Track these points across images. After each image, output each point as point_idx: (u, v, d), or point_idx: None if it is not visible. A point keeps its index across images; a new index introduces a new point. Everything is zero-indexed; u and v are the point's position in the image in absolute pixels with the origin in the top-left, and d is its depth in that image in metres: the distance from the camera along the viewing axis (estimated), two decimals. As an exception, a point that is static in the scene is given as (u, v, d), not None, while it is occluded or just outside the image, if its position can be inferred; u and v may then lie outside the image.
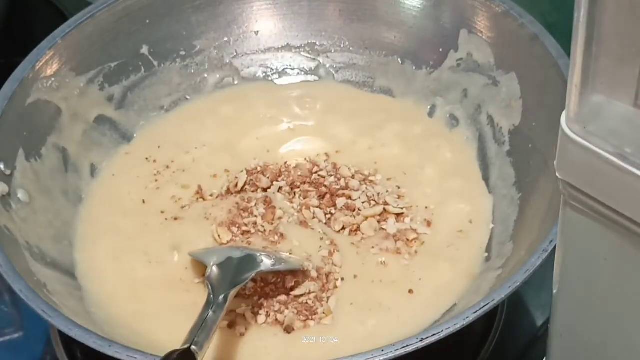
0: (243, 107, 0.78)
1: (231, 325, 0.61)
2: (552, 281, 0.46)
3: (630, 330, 0.43)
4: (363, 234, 0.67)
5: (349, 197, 0.69)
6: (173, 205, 0.70)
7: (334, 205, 0.68)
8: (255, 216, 0.68)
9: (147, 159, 0.74)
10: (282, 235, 0.66)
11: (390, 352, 0.51)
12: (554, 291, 0.47)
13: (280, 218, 0.68)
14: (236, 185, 0.70)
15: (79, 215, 0.70)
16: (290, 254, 0.65)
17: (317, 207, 0.68)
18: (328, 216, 0.68)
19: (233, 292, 0.58)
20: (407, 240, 0.66)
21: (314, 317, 0.62)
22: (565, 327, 0.48)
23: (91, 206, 0.70)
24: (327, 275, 0.64)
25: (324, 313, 0.62)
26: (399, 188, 0.70)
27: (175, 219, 0.69)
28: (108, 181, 0.73)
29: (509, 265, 0.61)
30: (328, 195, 0.69)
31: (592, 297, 0.44)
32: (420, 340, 0.52)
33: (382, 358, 0.51)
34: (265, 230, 0.67)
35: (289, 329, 0.61)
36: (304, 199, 0.69)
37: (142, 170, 0.73)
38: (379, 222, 0.67)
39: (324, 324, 0.61)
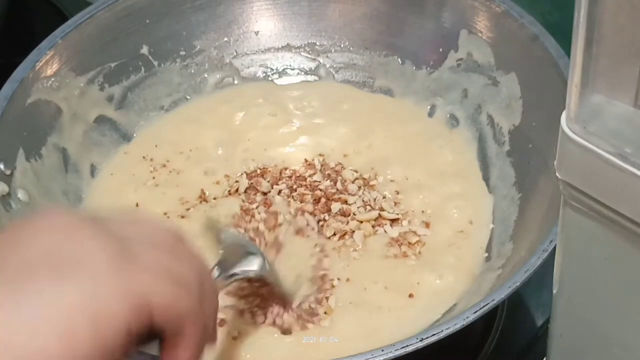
0: (243, 107, 0.78)
1: (229, 325, 0.61)
2: (552, 281, 0.46)
3: (631, 330, 0.43)
4: (354, 240, 0.67)
5: (345, 202, 0.68)
6: (177, 207, 0.70)
7: (329, 210, 0.68)
8: (258, 221, 0.67)
9: (144, 157, 0.74)
10: (280, 246, 0.66)
11: (390, 352, 0.51)
12: (554, 291, 0.47)
13: (280, 224, 0.67)
14: (237, 190, 0.70)
15: (79, 215, 0.69)
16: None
17: (311, 212, 0.68)
18: (321, 223, 0.68)
19: (234, 278, 0.57)
20: (410, 243, 0.66)
21: (314, 318, 0.61)
22: (565, 327, 0.48)
23: (91, 206, 0.70)
24: (322, 277, 0.64)
25: (325, 312, 0.62)
26: (397, 193, 0.70)
27: (182, 217, 0.69)
28: (108, 181, 0.72)
29: (509, 265, 0.61)
30: (323, 200, 0.69)
31: (592, 297, 0.44)
32: (420, 340, 0.52)
33: (382, 358, 0.51)
34: (265, 239, 0.66)
35: (287, 332, 0.61)
36: (301, 202, 0.69)
37: (140, 169, 0.73)
38: (373, 226, 0.67)
39: (323, 325, 0.61)
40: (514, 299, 0.67)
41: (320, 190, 0.69)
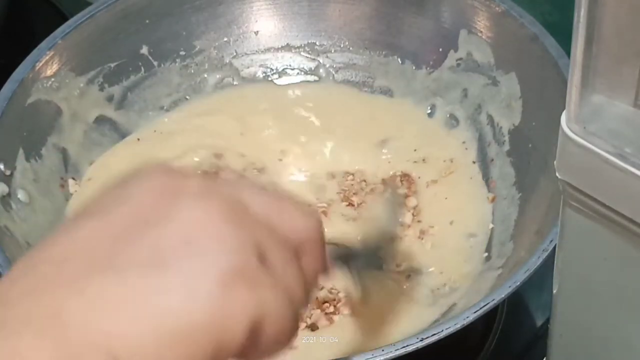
0: (243, 107, 0.78)
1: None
2: (552, 281, 0.46)
3: (630, 330, 0.43)
4: None
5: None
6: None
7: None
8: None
9: (146, 158, 0.74)
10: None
11: (390, 352, 0.51)
12: (554, 291, 0.47)
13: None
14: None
15: (79, 215, 0.69)
16: None
17: None
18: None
19: None
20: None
21: (338, 304, 0.62)
22: (565, 327, 0.48)
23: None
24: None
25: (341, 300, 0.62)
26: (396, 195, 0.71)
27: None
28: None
29: (509, 265, 0.61)
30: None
31: (592, 297, 0.44)
32: (420, 340, 0.52)
33: (382, 358, 0.51)
34: None
35: (314, 327, 0.61)
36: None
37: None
38: None
39: (344, 313, 0.61)
40: (514, 299, 0.67)
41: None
